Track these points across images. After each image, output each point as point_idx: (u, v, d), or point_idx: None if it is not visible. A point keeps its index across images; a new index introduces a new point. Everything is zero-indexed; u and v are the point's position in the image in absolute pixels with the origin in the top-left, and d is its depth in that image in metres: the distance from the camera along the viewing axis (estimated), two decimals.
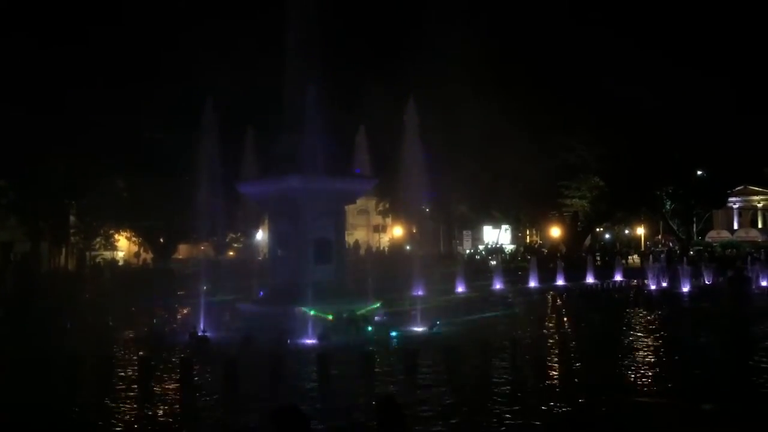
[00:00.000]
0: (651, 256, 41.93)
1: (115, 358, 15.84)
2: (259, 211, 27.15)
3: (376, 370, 14.20)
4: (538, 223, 56.14)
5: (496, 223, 57.14)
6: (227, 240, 40.02)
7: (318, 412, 11.31)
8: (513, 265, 45.28)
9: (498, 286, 37.34)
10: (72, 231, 41.13)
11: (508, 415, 11.18)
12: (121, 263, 45.10)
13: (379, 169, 23.44)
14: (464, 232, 57.25)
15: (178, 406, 12.36)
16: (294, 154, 20.48)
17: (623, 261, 43.51)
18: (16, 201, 36.74)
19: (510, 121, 45.39)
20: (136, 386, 13.48)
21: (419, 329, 20.65)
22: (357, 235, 53.79)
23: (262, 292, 23.54)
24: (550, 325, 22.50)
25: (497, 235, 59.57)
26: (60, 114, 32.45)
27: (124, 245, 47.18)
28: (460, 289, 34.02)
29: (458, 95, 42.39)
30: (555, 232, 54.96)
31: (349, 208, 24.48)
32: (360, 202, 26.03)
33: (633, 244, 63.31)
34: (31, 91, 31.88)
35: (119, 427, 10.91)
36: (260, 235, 35.36)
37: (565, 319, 23.81)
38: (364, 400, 11.52)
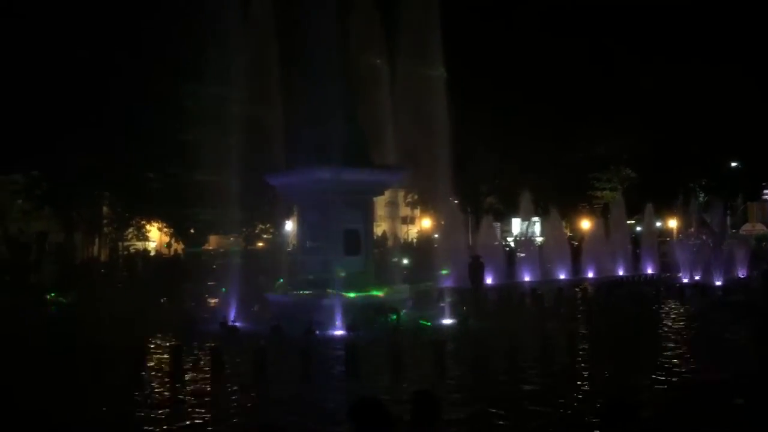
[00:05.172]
0: (678, 247, 41.37)
1: (146, 347, 16.13)
2: (288, 203, 27.26)
3: (405, 361, 14.20)
4: (568, 215, 55.64)
5: (526, 215, 56.75)
6: (257, 231, 40.30)
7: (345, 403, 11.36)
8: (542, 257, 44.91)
9: (527, 278, 37.19)
10: (104, 221, 41.75)
11: (536, 407, 11.14)
12: (152, 253, 45.68)
13: (408, 161, 23.40)
14: (494, 224, 56.89)
15: (208, 394, 12.51)
16: (323, 145, 20.53)
17: (655, 254, 43.00)
18: (50, 191, 37.38)
19: (540, 112, 45.09)
20: (167, 374, 13.68)
21: (448, 320, 20.65)
22: (385, 226, 53.75)
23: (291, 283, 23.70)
24: (580, 317, 22.34)
25: (526, 227, 59.11)
26: (93, 106, 32.89)
27: (155, 236, 47.77)
28: (489, 280, 33.93)
29: (488, 86, 42.17)
30: (585, 224, 54.44)
31: (377, 200, 24.49)
32: (388, 193, 26.05)
33: (665, 236, 62.40)
34: (64, 84, 32.37)
35: (151, 415, 11.08)
36: (289, 226, 35.53)
37: (595, 311, 23.60)
38: (393, 393, 11.52)
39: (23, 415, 10.80)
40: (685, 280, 33.71)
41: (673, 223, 64.67)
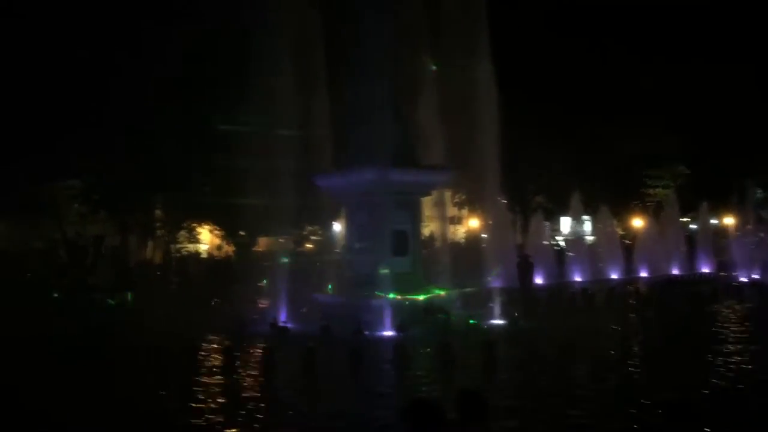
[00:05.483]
0: (735, 245, 40.24)
1: (199, 348, 16.43)
2: (336, 204, 27.41)
3: (454, 361, 14.14)
4: (620, 213, 54.65)
5: (576, 214, 55.97)
6: (305, 232, 40.62)
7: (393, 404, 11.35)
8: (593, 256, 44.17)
9: (577, 277, 36.65)
10: (157, 224, 42.65)
11: (588, 407, 10.95)
12: (204, 256, 46.42)
13: (455, 160, 23.25)
14: (543, 223, 56.21)
15: (260, 393, 12.65)
16: (370, 146, 20.56)
17: (711, 252, 41.90)
18: (106, 196, 38.38)
19: (589, 109, 44.41)
20: (220, 374, 13.88)
21: (497, 321, 20.48)
22: (432, 227, 53.57)
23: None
24: (634, 317, 21.89)
25: (577, 226, 58.21)
26: (145, 112, 33.67)
27: (206, 238, 48.56)
28: (538, 280, 33.55)
29: (537, 83, 41.73)
30: (638, 222, 53.36)
31: (425, 200, 24.40)
32: (435, 193, 26.00)
33: (721, 234, 60.71)
34: (118, 91, 33.22)
35: (207, 413, 11.25)
36: (337, 228, 35.75)
37: (649, 311, 23.10)
38: (443, 392, 11.47)
39: (80, 410, 11.10)
40: (743, 279, 32.75)
41: (729, 221, 62.93)
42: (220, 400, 12.09)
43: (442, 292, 21.51)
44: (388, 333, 18.69)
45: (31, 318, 21.02)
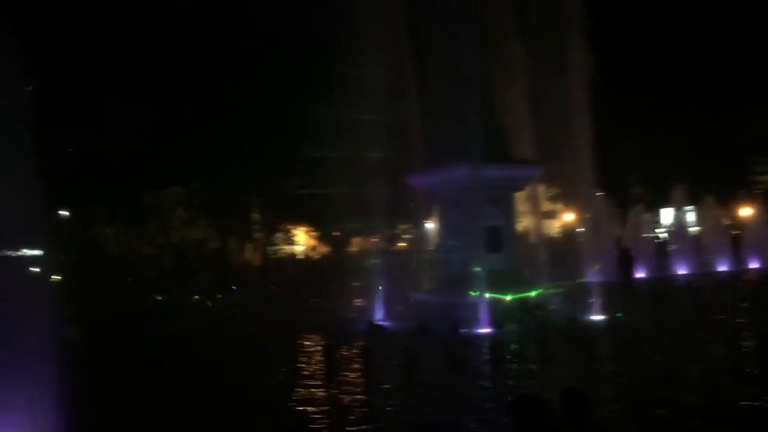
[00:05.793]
0: None
1: (301, 346, 16.85)
2: (429, 201, 27.43)
3: (554, 358, 13.88)
4: (726, 202, 52.13)
5: (678, 205, 53.80)
6: (398, 231, 40.88)
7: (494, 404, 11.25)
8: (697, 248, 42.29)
9: (681, 270, 35.27)
10: (255, 228, 44.04)
11: (695, 407, 10.51)
12: (300, 257, 47.53)
13: (548, 153, 22.78)
14: (643, 216, 54.31)
15: (361, 393, 12.82)
16: (461, 142, 20.44)
17: None
18: (207, 201, 39.97)
19: (692, 96, 42.64)
20: (321, 372, 14.17)
21: (597, 317, 19.95)
22: (525, 222, 52.52)
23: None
24: (741, 313, 20.79)
25: (679, 217, 55.91)
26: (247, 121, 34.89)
27: (302, 239, 49.72)
28: (640, 274, 32.46)
29: (635, 64, 40.30)
30: (746, 211, 50.72)
31: (518, 195, 24.04)
32: (528, 188, 25.57)
33: None
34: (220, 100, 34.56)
35: (312, 409, 11.49)
36: (430, 226, 35.76)
37: (761, 304, 21.88)
38: (543, 389, 11.28)
39: (190, 404, 11.61)
40: None
41: None
42: (322, 401, 12.33)
43: (539, 289, 21.14)
44: (485, 330, 18.55)
45: (132, 321, 22.17)
